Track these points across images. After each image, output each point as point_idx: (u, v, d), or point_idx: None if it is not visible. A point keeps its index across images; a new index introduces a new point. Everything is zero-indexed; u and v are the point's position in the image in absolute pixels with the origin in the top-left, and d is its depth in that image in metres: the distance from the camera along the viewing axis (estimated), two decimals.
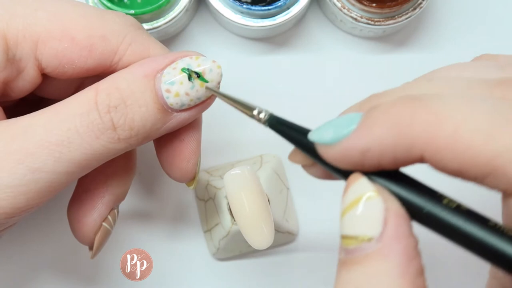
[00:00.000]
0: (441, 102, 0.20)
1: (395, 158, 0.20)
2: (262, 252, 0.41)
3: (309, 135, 0.23)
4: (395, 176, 0.21)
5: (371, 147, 0.20)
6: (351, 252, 0.21)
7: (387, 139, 0.20)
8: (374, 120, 0.21)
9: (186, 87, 0.27)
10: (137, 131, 0.27)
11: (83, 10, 0.29)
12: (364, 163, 0.21)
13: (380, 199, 0.21)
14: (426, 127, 0.19)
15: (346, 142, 0.21)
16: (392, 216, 0.20)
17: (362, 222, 0.21)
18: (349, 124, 0.21)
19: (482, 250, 0.19)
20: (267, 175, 0.38)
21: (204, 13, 0.43)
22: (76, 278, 0.40)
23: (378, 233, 0.20)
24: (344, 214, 0.21)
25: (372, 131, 0.20)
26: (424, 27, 0.44)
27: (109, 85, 0.27)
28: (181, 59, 0.28)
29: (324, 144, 0.22)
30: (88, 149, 0.26)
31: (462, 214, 0.20)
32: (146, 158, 0.40)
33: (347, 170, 0.22)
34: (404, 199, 0.21)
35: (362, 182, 0.21)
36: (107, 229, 0.31)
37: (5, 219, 0.26)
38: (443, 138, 0.19)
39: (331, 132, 0.22)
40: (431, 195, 0.21)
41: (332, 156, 0.22)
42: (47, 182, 0.26)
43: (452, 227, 0.20)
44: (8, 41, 0.27)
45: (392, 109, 0.20)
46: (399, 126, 0.20)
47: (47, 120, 0.26)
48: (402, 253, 0.20)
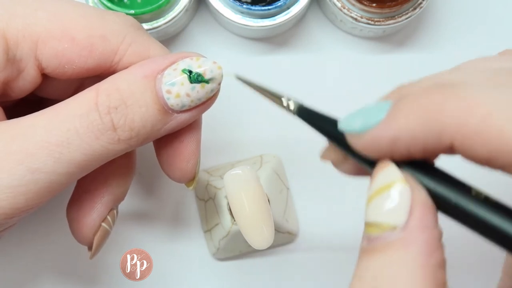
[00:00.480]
0: (471, 89, 0.19)
1: (425, 146, 0.20)
2: (262, 252, 0.41)
3: (339, 124, 0.23)
4: (423, 167, 0.21)
5: (401, 135, 0.20)
6: (374, 240, 0.21)
7: (417, 127, 0.20)
8: (404, 108, 0.20)
9: (187, 88, 0.27)
10: (137, 132, 0.27)
11: (83, 10, 0.29)
12: (393, 152, 0.21)
13: (408, 187, 0.20)
14: (456, 114, 0.19)
15: (375, 131, 0.21)
16: (419, 206, 0.20)
17: (388, 210, 0.20)
18: (379, 113, 0.21)
19: (509, 242, 0.19)
20: (267, 175, 0.38)
21: (204, 13, 0.43)
22: (76, 278, 0.40)
23: (403, 222, 0.20)
24: (369, 201, 0.21)
25: (402, 119, 0.20)
26: (424, 27, 0.44)
27: (109, 86, 0.27)
28: (181, 60, 0.28)
29: (354, 133, 0.22)
30: (88, 149, 0.26)
31: (490, 206, 0.20)
32: (146, 158, 0.40)
33: (377, 160, 0.22)
34: (432, 190, 0.21)
35: (391, 169, 0.21)
36: (106, 230, 0.31)
37: (4, 219, 0.26)
38: (473, 125, 0.19)
39: (360, 121, 0.21)
40: (459, 187, 0.21)
41: (362, 145, 0.22)
42: (46, 183, 0.26)
43: (479, 219, 0.20)
44: (8, 41, 0.27)
45: (421, 97, 0.20)
46: (428, 114, 0.20)
47: (47, 121, 0.26)
48: (425, 244, 0.20)
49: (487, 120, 0.19)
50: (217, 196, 0.37)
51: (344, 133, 0.22)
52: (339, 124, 0.23)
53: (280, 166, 0.40)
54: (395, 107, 0.21)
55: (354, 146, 0.22)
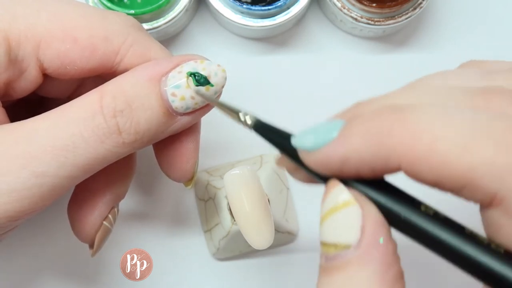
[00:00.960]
0: (418, 113, 0.20)
1: (373, 168, 0.20)
2: (262, 252, 0.41)
3: (291, 140, 0.23)
4: (374, 183, 0.21)
5: (349, 156, 0.21)
6: (331, 258, 0.21)
7: (365, 150, 0.20)
8: (354, 130, 0.21)
9: (191, 91, 0.27)
10: (142, 135, 0.27)
11: (84, 10, 0.29)
12: (343, 171, 0.21)
13: (357, 206, 0.21)
14: (403, 139, 0.19)
15: (325, 150, 0.21)
16: (370, 223, 0.20)
17: (340, 230, 0.21)
18: (330, 132, 0.21)
19: (457, 258, 0.19)
20: (267, 175, 0.38)
21: (204, 13, 0.43)
22: (76, 278, 0.40)
23: (356, 241, 0.20)
24: (322, 221, 0.21)
25: (351, 141, 0.21)
26: (424, 27, 0.44)
27: (114, 88, 0.27)
28: (185, 62, 0.28)
29: (305, 150, 0.22)
30: (92, 153, 0.26)
31: (439, 221, 0.20)
32: (146, 158, 0.40)
33: (328, 176, 0.22)
34: (383, 206, 0.21)
35: (339, 189, 0.21)
36: (107, 228, 0.31)
37: (9, 222, 0.26)
38: (420, 150, 0.19)
39: (312, 138, 0.22)
40: (409, 202, 0.21)
41: (313, 162, 0.22)
42: (50, 186, 0.26)
43: (428, 234, 0.20)
44: (11, 42, 0.27)
45: (371, 120, 0.20)
46: (377, 138, 0.20)
47: (52, 124, 0.26)
48: (380, 260, 0.20)
49: (432, 147, 0.19)
50: (217, 196, 0.37)
51: (297, 149, 0.23)
52: (292, 140, 0.23)
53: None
54: (346, 128, 0.21)
55: (306, 163, 0.22)
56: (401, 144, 0.19)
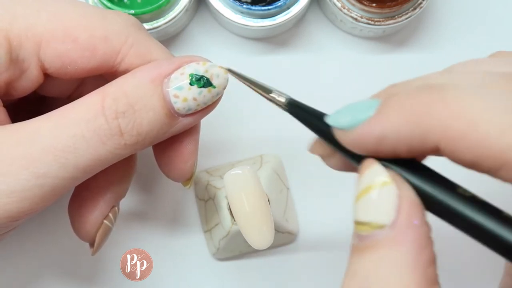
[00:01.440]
0: (458, 93, 0.20)
1: (410, 147, 0.20)
2: (262, 252, 0.41)
3: (326, 119, 0.23)
4: (411, 165, 0.21)
5: (386, 134, 0.20)
6: (364, 238, 0.21)
7: (403, 128, 0.20)
8: (391, 107, 0.20)
9: (194, 92, 0.27)
10: (144, 136, 0.27)
11: (84, 10, 0.29)
12: (380, 150, 0.21)
13: (394, 186, 0.21)
14: (442, 118, 0.19)
15: (362, 128, 0.21)
16: (406, 203, 0.20)
17: (375, 209, 0.20)
18: (366, 110, 0.21)
19: (494, 242, 0.19)
20: (267, 175, 0.38)
21: (204, 13, 0.43)
22: (76, 278, 0.40)
23: (391, 221, 0.20)
24: (357, 200, 0.21)
25: (388, 119, 0.20)
26: (424, 27, 0.44)
27: (116, 90, 0.27)
28: (187, 64, 0.28)
29: (341, 129, 0.22)
30: (93, 154, 0.26)
31: (475, 204, 0.20)
32: (147, 158, 0.40)
33: (364, 156, 0.22)
34: (419, 188, 0.21)
35: (376, 168, 0.21)
36: (108, 226, 0.31)
37: (10, 222, 0.26)
38: (458, 129, 0.19)
39: (348, 117, 0.22)
40: (446, 185, 0.21)
41: (349, 141, 0.22)
42: (51, 187, 0.26)
43: (464, 217, 0.20)
44: (12, 42, 0.27)
45: (409, 98, 0.20)
46: (415, 115, 0.20)
47: (53, 126, 0.26)
48: (414, 242, 0.20)
49: (473, 125, 0.19)
50: (217, 196, 0.37)
51: (332, 128, 0.22)
52: (328, 119, 0.23)
53: (280, 166, 0.40)
54: (383, 106, 0.21)
55: (342, 142, 0.22)
56: (440, 122, 0.19)
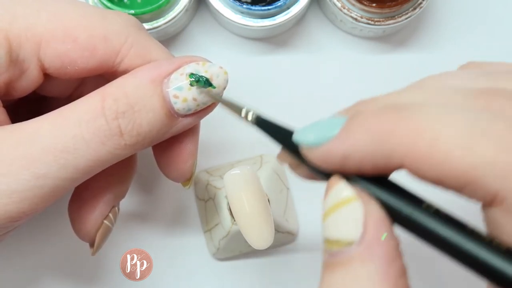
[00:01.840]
0: (421, 112, 0.20)
1: (375, 165, 0.21)
2: (262, 252, 0.41)
3: (294, 135, 0.23)
4: (377, 180, 0.21)
5: (351, 153, 0.21)
6: (334, 255, 0.21)
7: (367, 147, 0.20)
8: (356, 126, 0.21)
9: (194, 92, 0.27)
10: (144, 137, 0.27)
11: (84, 10, 0.29)
12: (345, 167, 0.21)
13: (360, 202, 0.21)
14: (405, 139, 0.20)
15: (327, 146, 0.21)
16: (372, 219, 0.21)
17: (342, 226, 0.21)
18: (332, 128, 0.21)
19: (459, 255, 0.19)
20: (267, 175, 0.38)
21: (204, 13, 0.43)
22: (76, 278, 0.40)
23: (358, 237, 0.20)
24: (325, 218, 0.22)
25: (353, 138, 0.21)
26: (424, 27, 0.44)
27: (116, 90, 0.27)
28: (187, 64, 0.28)
29: (307, 145, 0.22)
30: (93, 155, 0.26)
31: (441, 218, 0.20)
32: (147, 158, 0.40)
33: (330, 172, 0.22)
34: (385, 202, 0.21)
35: (342, 186, 0.21)
36: (108, 227, 0.31)
37: (10, 222, 0.26)
38: (421, 149, 0.19)
39: (314, 134, 0.22)
40: (411, 199, 0.21)
41: (315, 158, 0.22)
42: (51, 188, 0.26)
43: (429, 231, 0.20)
44: (11, 42, 0.27)
45: (374, 117, 0.20)
46: (379, 135, 0.20)
47: (53, 126, 0.26)
48: (382, 256, 0.20)
49: (434, 145, 0.19)
50: (217, 196, 0.37)
51: (298, 144, 0.23)
52: (294, 135, 0.23)
53: (280, 166, 0.40)
54: (348, 124, 0.21)
55: (308, 158, 0.22)
56: (404, 142, 0.20)
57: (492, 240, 0.19)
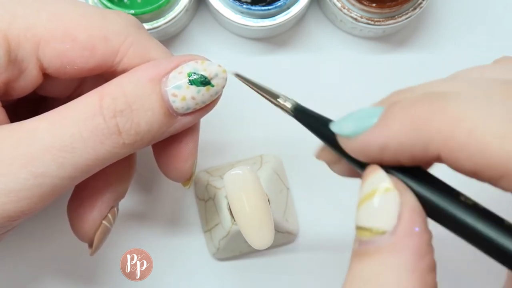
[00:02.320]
0: (460, 102, 0.20)
1: (412, 155, 0.20)
2: (262, 252, 0.41)
3: (330, 126, 0.23)
4: (415, 172, 0.21)
5: (388, 143, 0.21)
6: (365, 243, 0.21)
7: (404, 137, 0.20)
8: (393, 116, 0.21)
9: (192, 91, 0.27)
10: (142, 136, 0.27)
11: (84, 9, 0.29)
12: (383, 157, 0.21)
13: (396, 192, 0.21)
14: (443, 127, 0.19)
15: (365, 137, 0.21)
16: (407, 210, 0.20)
17: (377, 215, 0.21)
18: (369, 118, 0.21)
19: (494, 250, 0.19)
20: (267, 175, 0.38)
21: (204, 13, 0.43)
22: (76, 278, 0.40)
23: (392, 227, 0.20)
24: (360, 205, 0.21)
25: (390, 128, 0.21)
26: (424, 27, 0.44)
27: (114, 89, 0.27)
28: (186, 63, 0.28)
29: (345, 136, 0.22)
30: (92, 154, 0.26)
31: (477, 212, 0.20)
32: (146, 158, 0.40)
33: (368, 163, 0.22)
34: (421, 195, 0.21)
35: (379, 174, 0.21)
36: (107, 227, 0.31)
37: (8, 222, 0.26)
38: (459, 139, 0.19)
39: (352, 124, 0.22)
40: (448, 192, 0.21)
41: (352, 149, 0.22)
42: (50, 187, 0.26)
43: (465, 225, 0.20)
44: (10, 42, 0.27)
45: (411, 107, 0.20)
46: (416, 125, 0.20)
47: (51, 125, 0.26)
48: (414, 249, 0.20)
49: (473, 135, 0.19)
50: (217, 196, 0.37)
51: (336, 135, 0.23)
52: (332, 126, 0.23)
53: (280, 166, 0.40)
54: (385, 114, 0.21)
55: (345, 149, 0.22)
56: (441, 131, 0.19)
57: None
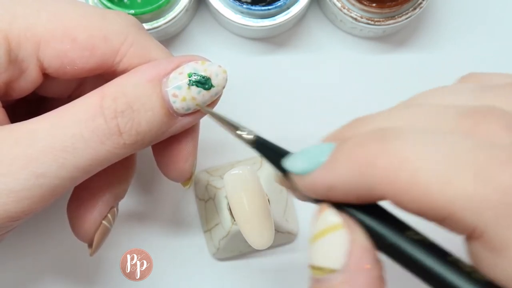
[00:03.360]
0: (403, 142, 0.19)
1: (358, 196, 0.21)
2: (262, 252, 0.41)
3: (283, 162, 0.23)
4: (365, 206, 0.21)
5: (335, 184, 0.21)
6: (319, 281, 0.21)
7: (350, 180, 0.20)
8: (340, 157, 0.21)
9: (193, 91, 0.27)
10: (143, 136, 0.27)
11: (84, 10, 0.29)
12: (330, 197, 0.21)
13: (345, 230, 0.21)
14: (386, 171, 0.19)
15: (313, 176, 0.21)
16: (356, 248, 0.21)
17: (327, 254, 0.21)
18: (319, 157, 0.21)
19: (440, 285, 0.19)
20: (267, 175, 0.38)
21: (204, 13, 0.43)
22: (76, 278, 0.40)
23: (342, 265, 0.20)
24: (311, 244, 0.22)
25: (336, 170, 0.21)
26: (424, 27, 0.44)
27: (115, 90, 0.27)
28: (186, 63, 0.28)
29: (296, 174, 0.22)
30: (92, 154, 0.26)
31: (424, 247, 0.20)
32: (146, 158, 0.40)
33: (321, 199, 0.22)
34: (371, 229, 0.21)
35: (329, 214, 0.21)
36: (106, 227, 0.31)
37: (9, 222, 0.26)
38: (401, 182, 0.19)
39: (303, 162, 0.22)
40: (398, 226, 0.21)
41: (302, 186, 0.22)
42: (50, 187, 0.26)
43: (412, 260, 0.20)
44: (11, 42, 0.27)
45: (357, 148, 0.20)
46: (361, 168, 0.20)
47: (52, 125, 0.26)
48: (365, 285, 0.20)
49: (414, 178, 0.19)
50: (217, 196, 0.37)
51: (289, 172, 0.23)
52: (284, 162, 0.23)
53: None
54: (333, 155, 0.21)
55: (297, 186, 0.22)
56: (384, 175, 0.19)
57: (473, 272, 0.19)
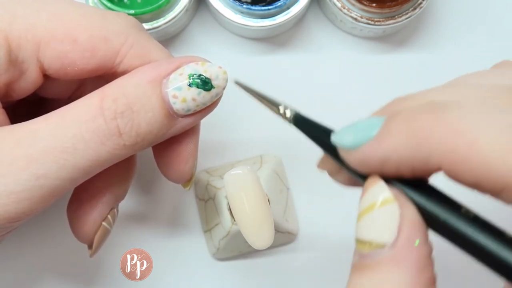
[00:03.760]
0: (459, 113, 0.19)
1: (413, 167, 0.20)
2: (262, 252, 0.41)
3: (331, 137, 0.22)
4: (415, 183, 0.21)
5: (389, 156, 0.20)
6: (365, 256, 0.21)
7: (405, 149, 0.20)
8: (393, 128, 0.20)
9: (193, 92, 0.27)
10: (143, 137, 0.27)
11: (84, 10, 0.28)
12: (384, 170, 0.21)
13: (396, 205, 0.20)
14: (444, 139, 0.19)
15: (365, 149, 0.21)
16: (407, 223, 0.20)
17: (376, 228, 0.20)
18: (370, 130, 0.21)
19: (494, 262, 0.19)
20: (267, 175, 0.38)
21: (204, 13, 0.43)
22: (76, 278, 0.40)
23: (392, 240, 0.20)
24: (360, 217, 0.21)
25: (390, 141, 0.20)
26: (424, 27, 0.44)
27: (115, 91, 0.27)
28: (187, 64, 0.28)
29: (345, 148, 0.22)
30: (92, 155, 0.26)
31: (478, 225, 0.20)
32: (146, 158, 0.40)
33: (369, 174, 0.22)
34: (422, 206, 0.21)
35: (380, 187, 0.21)
36: (106, 229, 0.31)
37: (9, 223, 0.26)
38: (460, 152, 0.19)
39: (352, 136, 0.21)
40: (449, 204, 0.20)
41: (353, 161, 0.22)
42: (51, 188, 0.26)
43: (466, 238, 0.20)
44: (11, 43, 0.27)
45: (411, 119, 0.20)
46: (416, 138, 0.20)
47: (52, 126, 0.26)
48: (413, 262, 0.20)
49: (473, 148, 0.18)
50: (217, 196, 0.37)
51: (336, 147, 0.22)
52: (332, 137, 0.22)
53: (280, 166, 0.40)
54: (385, 126, 0.21)
55: (346, 161, 0.22)
56: (442, 144, 0.19)
57: None
